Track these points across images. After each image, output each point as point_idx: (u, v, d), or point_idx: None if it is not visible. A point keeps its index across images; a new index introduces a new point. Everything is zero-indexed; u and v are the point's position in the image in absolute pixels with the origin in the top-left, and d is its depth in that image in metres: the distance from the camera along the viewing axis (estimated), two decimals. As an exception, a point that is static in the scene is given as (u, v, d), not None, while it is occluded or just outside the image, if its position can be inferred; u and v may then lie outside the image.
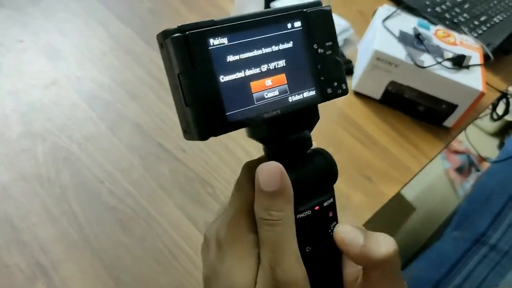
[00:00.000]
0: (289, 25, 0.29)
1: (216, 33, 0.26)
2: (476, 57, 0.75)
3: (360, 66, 0.77)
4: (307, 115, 0.31)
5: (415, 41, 0.75)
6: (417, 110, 0.76)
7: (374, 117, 0.76)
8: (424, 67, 0.70)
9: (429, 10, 0.94)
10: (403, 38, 0.75)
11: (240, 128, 0.27)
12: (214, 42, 0.26)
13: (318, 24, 0.30)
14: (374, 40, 0.73)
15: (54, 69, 0.67)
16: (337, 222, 0.32)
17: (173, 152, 0.61)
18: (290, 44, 0.29)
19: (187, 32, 0.25)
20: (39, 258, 0.49)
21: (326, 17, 0.30)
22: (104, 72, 0.68)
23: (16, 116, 0.60)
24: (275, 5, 0.84)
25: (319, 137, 0.68)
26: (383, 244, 0.29)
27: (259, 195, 0.28)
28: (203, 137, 0.26)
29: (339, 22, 0.85)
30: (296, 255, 0.28)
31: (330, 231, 0.31)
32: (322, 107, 0.30)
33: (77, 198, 0.54)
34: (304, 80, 0.29)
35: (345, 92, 0.31)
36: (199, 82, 0.25)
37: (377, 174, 0.68)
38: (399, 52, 0.71)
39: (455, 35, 0.79)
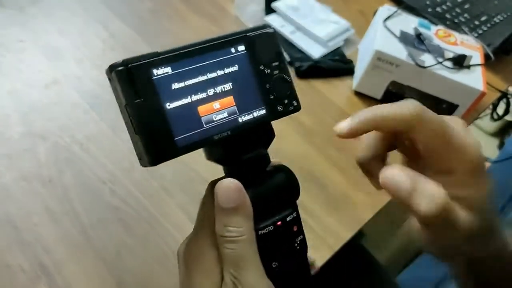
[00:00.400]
0: (232, 50, 0.30)
1: (159, 64, 0.27)
2: (476, 57, 0.75)
3: (360, 66, 0.77)
4: (260, 133, 0.32)
5: (416, 41, 0.75)
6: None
7: (375, 117, 0.76)
8: (425, 67, 0.70)
9: (429, 10, 0.94)
10: (404, 38, 0.75)
11: (190, 151, 0.28)
12: (158, 72, 0.27)
13: (263, 46, 0.31)
14: (375, 40, 0.73)
15: (54, 68, 0.67)
16: (303, 236, 0.32)
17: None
18: (235, 68, 0.30)
19: (129, 65, 0.26)
20: (42, 258, 0.49)
21: (270, 39, 0.32)
22: (105, 71, 0.68)
23: (16, 116, 0.60)
24: (276, 5, 0.84)
25: (320, 137, 0.68)
26: (429, 199, 0.28)
27: (218, 212, 0.29)
28: (154, 163, 0.27)
29: (340, 22, 0.85)
30: (258, 271, 0.28)
31: (296, 245, 0.32)
32: (323, 106, 0.30)
33: (79, 198, 0.54)
34: (253, 100, 0.30)
35: (296, 108, 0.32)
36: (145, 111, 0.26)
37: (379, 174, 0.67)
38: (400, 52, 0.71)
39: (456, 35, 0.80)
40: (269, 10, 0.86)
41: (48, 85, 0.64)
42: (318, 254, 0.55)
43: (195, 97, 0.28)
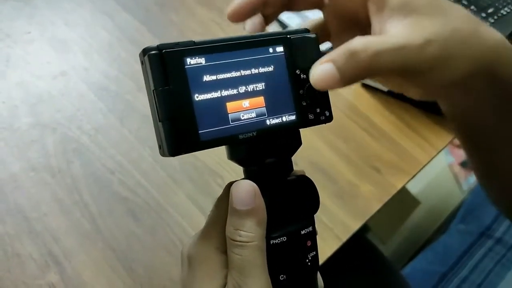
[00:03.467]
0: (270, 50, 0.29)
1: (194, 53, 0.27)
2: (484, 49, 0.75)
3: (367, 58, 0.77)
4: (286, 139, 0.31)
5: (423, 32, 0.75)
6: (425, 101, 0.76)
7: (382, 109, 0.75)
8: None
9: (436, 2, 0.94)
10: (411, 29, 0.74)
11: (213, 147, 0.27)
12: (191, 61, 0.26)
13: (302, 51, 0.30)
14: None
15: (62, 60, 0.67)
16: (316, 253, 0.31)
17: (182, 143, 0.61)
18: (270, 68, 0.29)
19: (164, 51, 0.26)
20: (51, 248, 0.49)
21: (310, 44, 0.31)
22: (112, 63, 0.68)
23: (25, 107, 0.60)
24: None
25: (327, 129, 0.68)
26: None
27: (231, 214, 0.28)
28: (174, 153, 0.26)
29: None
30: (263, 281, 0.27)
31: (307, 261, 0.31)
32: (331, 98, 0.30)
33: (88, 188, 0.54)
34: (284, 104, 0.29)
35: (328, 119, 0.31)
36: (173, 99, 0.26)
37: (386, 165, 0.67)
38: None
39: (463, 27, 0.79)
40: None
41: (56, 77, 0.65)
42: (326, 244, 0.56)
43: (225, 92, 0.27)
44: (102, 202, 0.54)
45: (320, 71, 0.26)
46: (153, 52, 0.26)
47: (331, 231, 0.57)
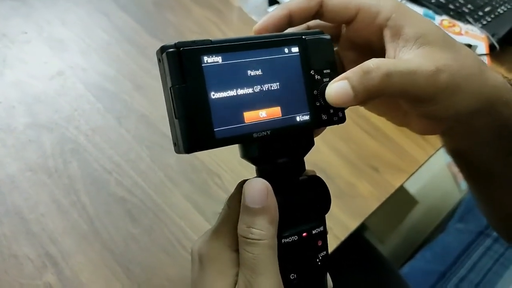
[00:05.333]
0: (286, 50, 0.30)
1: (211, 52, 0.27)
2: (481, 47, 0.75)
3: (365, 57, 0.77)
4: (299, 139, 0.31)
5: (421, 31, 0.75)
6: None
7: (380, 108, 0.75)
8: (430, 57, 0.70)
9: (433, 0, 0.94)
10: (408, 28, 0.74)
11: (227, 145, 0.27)
12: (208, 60, 0.27)
13: (316, 52, 0.31)
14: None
15: (59, 60, 0.67)
16: (326, 253, 0.31)
17: (180, 143, 0.60)
18: (285, 68, 0.29)
19: (181, 48, 0.26)
20: (49, 249, 0.49)
21: (325, 45, 0.31)
22: (109, 63, 0.68)
23: (22, 107, 0.60)
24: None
25: (326, 128, 0.68)
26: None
27: (243, 211, 0.28)
28: (189, 150, 0.26)
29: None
30: (274, 279, 0.28)
31: (318, 260, 0.31)
32: None
33: (86, 189, 0.54)
34: (298, 104, 0.30)
35: (341, 119, 0.32)
36: (190, 96, 0.26)
37: (384, 164, 0.67)
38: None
39: (461, 25, 0.79)
40: (272, 1, 0.85)
41: (53, 77, 0.64)
42: (325, 243, 0.55)
43: (240, 91, 0.28)
44: (99, 203, 0.53)
45: (336, 88, 0.28)
46: (171, 50, 0.26)
47: (330, 230, 0.56)
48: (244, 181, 0.29)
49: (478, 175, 0.41)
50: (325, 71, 0.31)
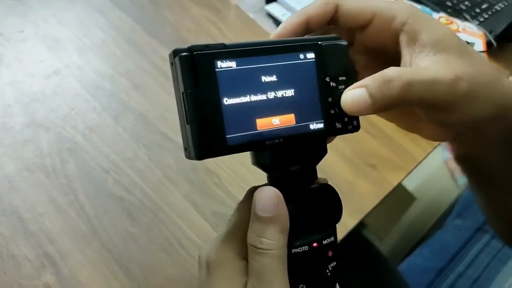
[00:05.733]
0: (301, 56, 0.29)
1: (225, 56, 0.26)
2: (479, 44, 0.75)
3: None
4: (312, 147, 0.30)
5: (418, 28, 0.75)
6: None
7: (378, 106, 0.75)
8: (428, 54, 0.70)
9: (430, -2, 0.94)
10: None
11: (239, 152, 0.27)
12: (222, 64, 0.26)
13: (332, 58, 0.30)
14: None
15: (55, 59, 0.66)
16: (336, 264, 0.31)
17: (178, 142, 0.60)
18: (300, 74, 0.29)
19: (195, 53, 0.25)
20: (47, 249, 0.49)
21: (341, 51, 0.30)
22: (106, 61, 0.67)
23: (18, 106, 0.60)
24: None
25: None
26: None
27: (253, 220, 0.28)
28: (201, 156, 0.26)
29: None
30: None
31: (328, 271, 0.30)
32: None
33: (83, 188, 0.54)
34: (312, 111, 0.29)
35: (356, 128, 0.31)
36: (202, 102, 0.26)
37: (382, 162, 0.67)
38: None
39: (458, 22, 0.79)
40: (269, -1, 0.85)
41: (50, 76, 0.64)
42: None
43: (254, 98, 0.27)
44: (97, 202, 0.53)
45: (352, 96, 0.27)
46: (184, 54, 0.25)
47: (328, 229, 0.57)
48: (254, 188, 0.29)
49: (485, 180, 0.41)
50: (340, 78, 0.30)
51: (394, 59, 0.32)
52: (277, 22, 0.81)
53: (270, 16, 0.83)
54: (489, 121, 0.31)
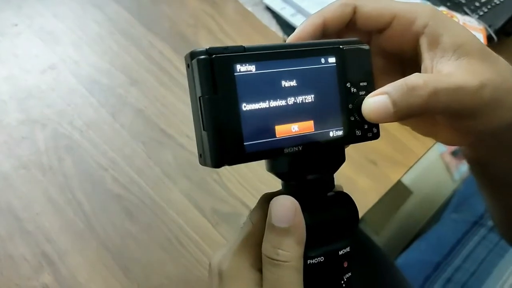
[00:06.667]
0: (322, 60, 0.28)
1: (244, 60, 0.25)
2: (480, 39, 0.74)
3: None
4: (331, 155, 0.29)
5: (419, 22, 0.74)
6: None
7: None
8: (428, 49, 0.69)
9: (430, -9, 0.93)
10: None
11: (257, 160, 0.26)
12: (241, 68, 0.25)
13: (354, 63, 0.29)
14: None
15: (51, 53, 0.65)
16: (351, 274, 0.30)
17: (177, 138, 0.59)
18: (321, 80, 0.28)
19: (213, 56, 0.24)
20: (44, 248, 0.48)
21: (363, 56, 0.29)
22: (103, 56, 0.66)
23: (13, 102, 0.59)
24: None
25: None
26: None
27: (269, 230, 0.27)
28: (217, 164, 0.25)
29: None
30: None
31: (342, 282, 0.29)
32: None
33: (81, 186, 0.53)
34: (332, 118, 0.28)
35: (375, 136, 0.30)
36: (220, 107, 0.24)
37: (382, 158, 0.67)
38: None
39: (458, 16, 0.79)
40: (268, -8, 0.84)
41: (45, 70, 0.63)
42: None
43: (273, 103, 0.26)
44: (95, 200, 0.52)
45: (373, 103, 0.26)
46: (203, 57, 0.24)
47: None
48: (267, 195, 0.28)
49: (498, 184, 0.40)
50: (361, 84, 0.29)
51: (411, 64, 0.31)
52: (275, 15, 0.80)
53: (268, 9, 0.82)
54: (509, 127, 0.30)
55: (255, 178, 0.58)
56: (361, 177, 0.64)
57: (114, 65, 0.66)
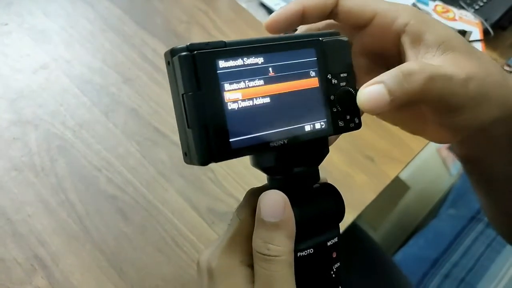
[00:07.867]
0: (303, 52, 0.28)
1: (226, 55, 0.25)
2: (476, 33, 0.74)
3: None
4: (315, 147, 0.29)
5: (415, 17, 0.73)
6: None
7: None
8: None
9: (425, -15, 0.92)
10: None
11: (244, 155, 0.26)
12: (223, 64, 0.25)
13: (334, 54, 0.29)
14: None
15: (42, 52, 0.64)
16: (340, 264, 0.30)
17: (171, 137, 0.59)
18: (302, 72, 0.28)
19: (195, 52, 0.24)
20: (37, 251, 0.47)
21: (342, 47, 0.29)
22: (95, 54, 0.65)
23: (4, 103, 0.58)
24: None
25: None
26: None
27: (258, 225, 0.26)
28: (204, 162, 0.24)
29: None
30: None
31: (332, 273, 0.30)
32: None
33: (74, 187, 0.52)
34: (314, 110, 0.28)
35: (357, 126, 0.30)
36: (204, 104, 0.24)
37: (379, 154, 0.66)
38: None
39: (454, 10, 0.78)
40: (262, -12, 0.83)
41: (36, 70, 0.62)
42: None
43: (257, 98, 0.26)
44: (89, 201, 0.52)
45: (369, 93, 0.26)
46: (184, 53, 0.24)
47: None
48: (253, 190, 0.28)
49: (488, 179, 0.41)
50: (342, 75, 0.29)
51: (395, 64, 0.31)
52: (270, 11, 0.80)
53: (263, 5, 0.81)
54: (496, 122, 0.30)
55: (251, 176, 0.58)
56: (358, 174, 0.63)
57: (106, 64, 0.65)
